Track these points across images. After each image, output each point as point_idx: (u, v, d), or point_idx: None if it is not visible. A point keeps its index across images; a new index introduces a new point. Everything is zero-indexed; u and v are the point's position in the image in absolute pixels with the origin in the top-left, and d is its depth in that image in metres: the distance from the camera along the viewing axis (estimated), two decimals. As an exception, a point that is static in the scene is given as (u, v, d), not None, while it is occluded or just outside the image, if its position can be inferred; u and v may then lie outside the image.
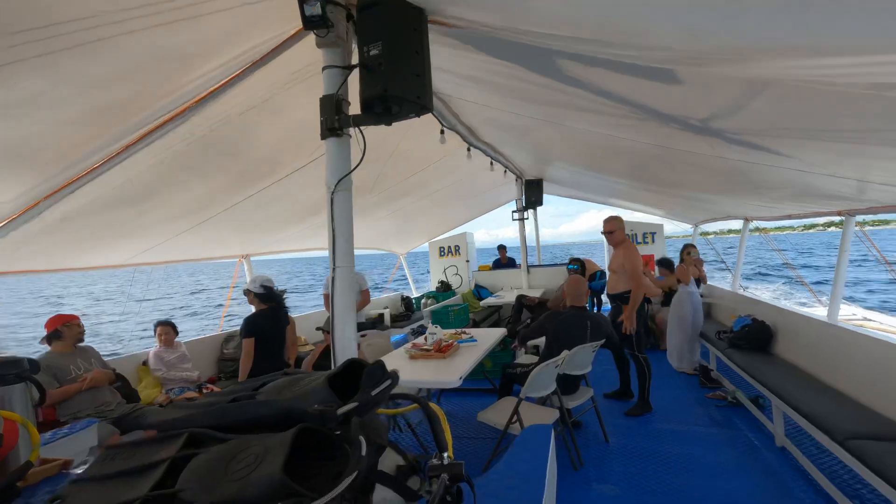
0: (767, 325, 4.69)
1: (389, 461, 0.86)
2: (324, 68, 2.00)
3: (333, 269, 1.95)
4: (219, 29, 2.01)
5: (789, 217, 5.28)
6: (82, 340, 3.35)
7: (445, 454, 0.86)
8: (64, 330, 3.23)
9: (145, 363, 4.16)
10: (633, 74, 1.96)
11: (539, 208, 9.02)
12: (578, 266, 7.81)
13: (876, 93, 1.52)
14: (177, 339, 4.33)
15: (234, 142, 3.07)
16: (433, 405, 0.98)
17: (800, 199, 4.11)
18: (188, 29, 1.89)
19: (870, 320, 9.74)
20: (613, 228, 4.38)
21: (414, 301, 8.71)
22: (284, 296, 4.63)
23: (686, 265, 5.61)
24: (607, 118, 2.85)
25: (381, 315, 7.48)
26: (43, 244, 3.28)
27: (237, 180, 3.61)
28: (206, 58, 2.18)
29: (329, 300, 2.10)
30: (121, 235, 3.75)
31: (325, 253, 2.07)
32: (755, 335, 4.68)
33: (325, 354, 3.70)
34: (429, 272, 10.38)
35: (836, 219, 4.29)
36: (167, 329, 4.25)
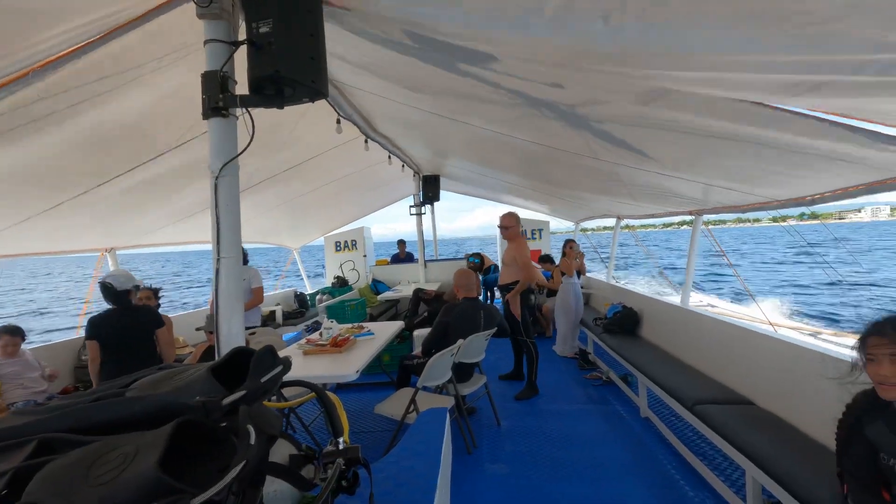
0: (635, 312, 5.30)
1: (282, 451, 0.83)
2: (206, 42, 1.84)
3: (218, 260, 1.81)
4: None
5: (652, 216, 6.00)
6: None
7: (341, 439, 0.85)
8: None
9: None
10: (518, 64, 2.09)
11: (436, 203, 9.20)
12: (479, 260, 8.13)
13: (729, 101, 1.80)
14: (22, 346, 3.70)
15: (95, 116, 2.69)
16: (329, 393, 0.96)
17: (660, 200, 4.69)
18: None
19: (713, 306, 11.46)
20: (510, 224, 4.67)
21: (308, 297, 8.39)
22: (160, 294, 4.19)
23: (569, 258, 6.11)
24: (501, 108, 2.96)
25: (273, 312, 7.10)
26: None
27: (98, 161, 3.18)
28: (56, 16, 1.88)
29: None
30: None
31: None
32: (625, 321, 5.26)
33: (207, 356, 3.41)
34: (324, 267, 10.06)
35: (688, 218, 4.98)
36: (13, 339, 3.62)
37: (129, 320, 3.20)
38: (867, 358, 1.42)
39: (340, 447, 0.82)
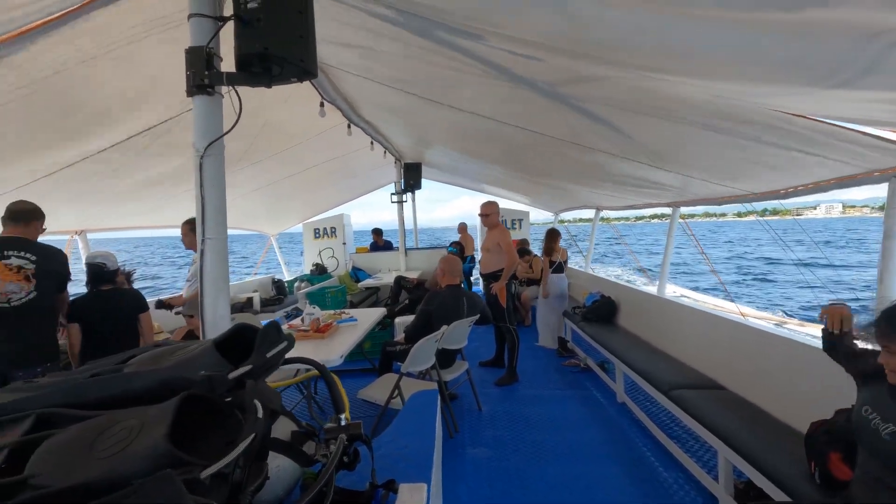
0: (612, 300, 5.41)
1: (283, 428, 0.83)
2: (190, 16, 1.79)
3: (203, 241, 1.77)
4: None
5: (631, 207, 6.11)
6: None
7: (342, 416, 0.86)
8: None
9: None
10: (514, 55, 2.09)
11: (416, 192, 9.16)
12: (457, 249, 8.16)
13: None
14: None
15: (69, 93, 2.58)
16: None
17: (640, 191, 4.78)
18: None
19: (685, 297, 11.78)
20: (489, 212, 4.71)
21: (287, 284, 8.28)
22: (132, 277, 4.07)
23: (556, 248, 6.12)
24: (487, 87, 2.93)
25: (251, 299, 6.98)
26: None
27: (71, 138, 3.05)
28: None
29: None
30: None
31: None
32: (603, 309, 5.37)
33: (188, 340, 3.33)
34: (302, 255, 9.93)
35: (659, 211, 5.09)
36: None
37: (116, 303, 3.09)
38: (881, 345, 1.44)
39: (342, 423, 0.82)
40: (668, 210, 5.07)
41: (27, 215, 2.70)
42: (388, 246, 9.79)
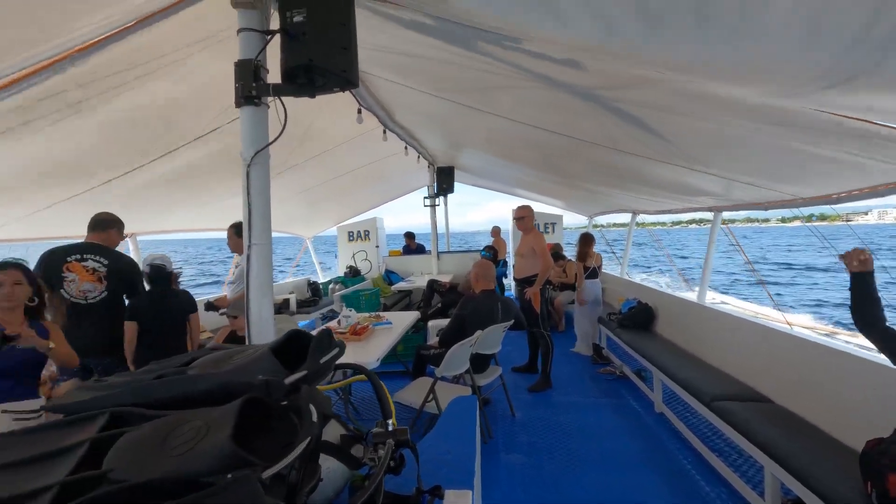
0: (650, 307, 5.28)
1: (333, 431, 0.85)
2: (239, 31, 1.86)
3: (249, 247, 1.85)
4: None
5: (670, 212, 5.95)
6: None
7: (389, 421, 0.88)
8: None
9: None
10: (553, 61, 2.09)
11: (448, 196, 9.21)
12: (491, 254, 8.17)
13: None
14: None
15: (124, 104, 2.72)
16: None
17: (680, 196, 4.66)
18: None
19: (725, 303, 11.36)
20: (524, 215, 4.69)
21: (321, 286, 8.46)
22: (180, 278, 4.24)
23: (590, 253, 6.02)
24: (524, 91, 2.90)
25: (287, 300, 7.17)
26: None
27: (123, 149, 3.23)
28: (92, 4, 1.90)
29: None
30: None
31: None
32: (640, 316, 5.24)
33: (230, 341, 3.46)
34: (336, 257, 10.13)
35: (697, 216, 4.93)
36: None
37: (169, 303, 3.25)
38: None
39: (389, 429, 0.84)
40: (707, 215, 4.92)
41: (104, 224, 3.04)
42: (420, 249, 9.87)
